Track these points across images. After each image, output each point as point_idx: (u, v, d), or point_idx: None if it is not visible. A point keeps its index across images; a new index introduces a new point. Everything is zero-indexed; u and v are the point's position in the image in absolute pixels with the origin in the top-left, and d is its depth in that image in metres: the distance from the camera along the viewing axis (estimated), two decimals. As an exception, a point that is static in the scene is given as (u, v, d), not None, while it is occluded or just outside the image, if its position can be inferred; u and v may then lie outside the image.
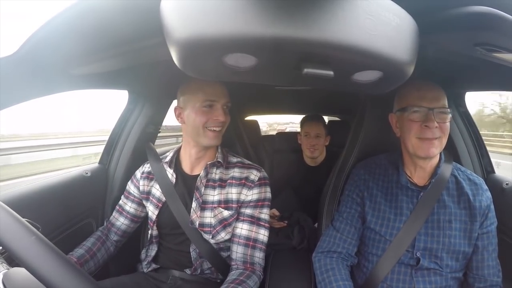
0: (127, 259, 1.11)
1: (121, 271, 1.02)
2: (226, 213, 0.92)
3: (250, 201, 0.93)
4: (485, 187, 0.87)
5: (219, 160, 0.95)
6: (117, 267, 1.12)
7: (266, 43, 0.37)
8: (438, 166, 0.86)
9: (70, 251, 0.92)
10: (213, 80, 0.92)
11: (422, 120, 0.80)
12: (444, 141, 0.81)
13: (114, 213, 1.05)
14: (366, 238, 0.91)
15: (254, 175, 0.95)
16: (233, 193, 0.94)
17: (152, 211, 0.98)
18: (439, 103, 0.79)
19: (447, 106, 0.81)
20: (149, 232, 1.00)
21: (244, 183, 0.93)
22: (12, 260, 0.47)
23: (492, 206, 0.85)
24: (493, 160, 1.15)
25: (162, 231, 0.99)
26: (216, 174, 0.96)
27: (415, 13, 0.45)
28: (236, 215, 0.93)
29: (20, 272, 0.46)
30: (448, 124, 0.81)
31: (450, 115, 0.81)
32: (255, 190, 0.93)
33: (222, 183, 0.95)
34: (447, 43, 0.58)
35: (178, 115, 0.93)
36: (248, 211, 0.93)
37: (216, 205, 0.93)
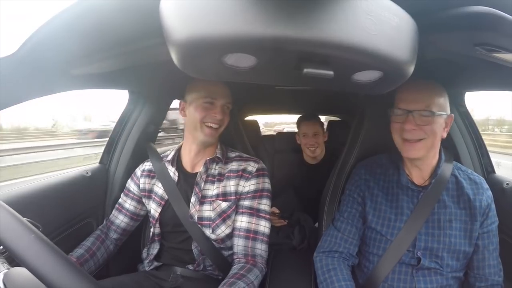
0: (128, 259, 1.11)
1: (121, 271, 1.02)
2: (224, 204, 0.93)
3: (248, 192, 0.94)
4: (486, 186, 0.87)
5: (218, 156, 0.97)
6: (117, 267, 1.12)
7: (266, 43, 0.37)
8: (438, 166, 0.86)
9: (71, 251, 0.92)
10: (214, 80, 0.93)
11: (402, 121, 0.81)
12: (431, 142, 0.79)
13: (113, 211, 1.06)
14: (367, 238, 0.91)
15: (252, 166, 0.96)
16: (231, 185, 0.95)
17: (155, 209, 0.99)
18: (419, 105, 0.78)
19: (431, 109, 0.77)
20: (151, 230, 1.01)
21: (241, 174, 0.95)
22: (13, 260, 0.46)
23: (493, 205, 0.85)
24: (493, 160, 1.15)
25: (164, 229, 0.99)
26: (215, 169, 0.97)
27: (415, 13, 0.45)
28: (235, 206, 0.94)
29: (21, 272, 0.46)
30: (432, 126, 0.78)
31: (436, 117, 0.78)
32: (253, 181, 0.95)
33: (221, 177, 0.96)
34: (447, 43, 0.58)
35: (182, 109, 0.98)
36: (246, 202, 0.94)
37: (214, 198, 0.94)
